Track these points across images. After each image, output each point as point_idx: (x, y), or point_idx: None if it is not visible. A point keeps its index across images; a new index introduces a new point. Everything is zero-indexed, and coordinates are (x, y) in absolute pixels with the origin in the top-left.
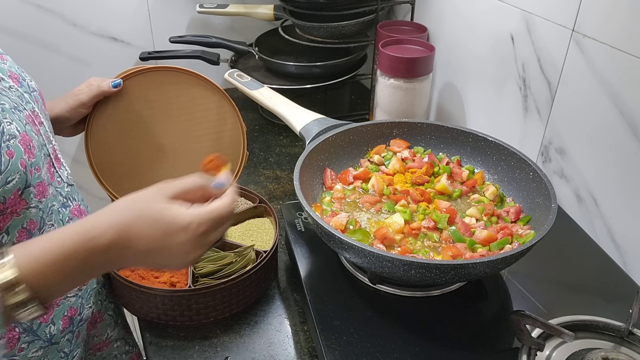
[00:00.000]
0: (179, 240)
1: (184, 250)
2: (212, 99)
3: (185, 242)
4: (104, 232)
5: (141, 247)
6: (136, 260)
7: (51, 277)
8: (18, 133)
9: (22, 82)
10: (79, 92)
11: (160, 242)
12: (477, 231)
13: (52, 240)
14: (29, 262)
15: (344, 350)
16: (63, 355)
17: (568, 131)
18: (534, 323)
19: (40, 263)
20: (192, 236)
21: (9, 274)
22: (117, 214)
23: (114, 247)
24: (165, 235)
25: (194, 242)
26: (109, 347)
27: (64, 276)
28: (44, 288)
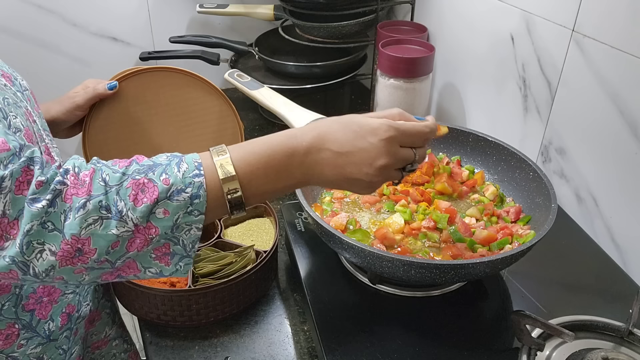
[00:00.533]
0: (369, 141)
1: (372, 155)
2: (209, 99)
3: (374, 145)
4: (305, 134)
5: (335, 147)
6: (330, 164)
7: (258, 170)
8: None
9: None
10: (74, 94)
11: (351, 144)
12: (477, 231)
13: (263, 139)
14: (243, 156)
15: (344, 350)
16: (62, 352)
17: (568, 131)
18: (534, 323)
19: (251, 155)
20: (380, 139)
21: (230, 167)
22: (317, 123)
23: (312, 148)
24: (355, 137)
25: (382, 147)
26: (107, 345)
27: (268, 172)
28: (251, 181)
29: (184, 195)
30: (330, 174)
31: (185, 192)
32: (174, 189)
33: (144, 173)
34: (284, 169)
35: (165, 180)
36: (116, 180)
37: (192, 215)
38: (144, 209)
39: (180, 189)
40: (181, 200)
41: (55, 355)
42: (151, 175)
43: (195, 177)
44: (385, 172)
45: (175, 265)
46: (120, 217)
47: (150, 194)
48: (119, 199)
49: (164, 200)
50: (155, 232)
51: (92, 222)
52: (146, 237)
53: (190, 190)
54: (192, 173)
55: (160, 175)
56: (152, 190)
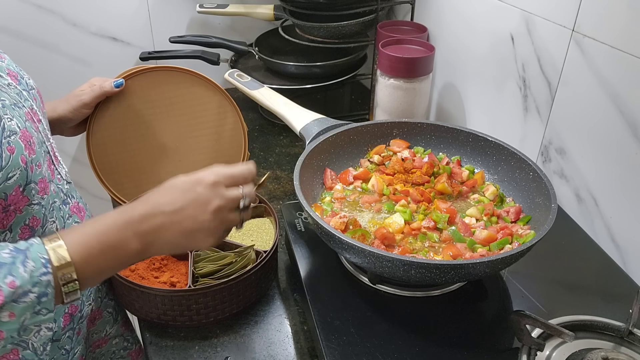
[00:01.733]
0: (196, 191)
1: (203, 201)
2: (213, 99)
3: (202, 192)
4: (135, 206)
5: (168, 208)
6: (168, 225)
7: (94, 250)
8: (18, 129)
9: (21, 80)
10: (81, 92)
11: (181, 199)
12: (477, 231)
13: (94, 221)
14: (77, 240)
15: (344, 350)
16: (64, 352)
17: (568, 131)
18: (534, 323)
19: (85, 237)
20: (206, 185)
21: (64, 253)
22: (144, 197)
23: (146, 216)
24: (183, 192)
25: (210, 191)
26: (107, 343)
27: (104, 250)
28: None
29: (31, 296)
30: (170, 236)
31: (32, 292)
32: (20, 291)
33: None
34: (121, 244)
35: (11, 284)
36: None
37: (40, 314)
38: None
39: (27, 290)
40: (28, 301)
41: (58, 355)
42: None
43: (42, 276)
44: (221, 215)
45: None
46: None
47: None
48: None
49: (10, 304)
50: (0, 337)
51: None
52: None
53: (37, 289)
54: (39, 271)
55: (5, 277)
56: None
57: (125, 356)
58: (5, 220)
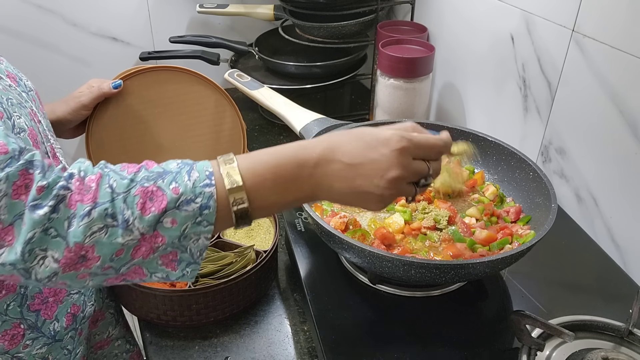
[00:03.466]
0: (380, 152)
1: (384, 166)
2: (212, 98)
3: (386, 155)
4: (315, 146)
5: (346, 159)
6: (340, 176)
7: (267, 180)
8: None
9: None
10: (79, 94)
11: (362, 155)
12: (477, 231)
13: (272, 149)
14: (251, 165)
15: (344, 350)
16: (67, 352)
17: (568, 131)
18: (534, 323)
19: (260, 165)
20: (392, 150)
21: (237, 177)
22: (329, 135)
23: (322, 160)
24: (367, 147)
25: (394, 158)
26: (109, 345)
27: (277, 182)
28: (259, 191)
29: (193, 205)
30: (339, 187)
31: (195, 202)
32: (183, 198)
33: (153, 180)
34: (293, 181)
35: (174, 190)
36: (124, 187)
37: (200, 225)
38: (151, 218)
39: (190, 199)
40: (190, 210)
41: (60, 355)
42: (160, 183)
43: (205, 187)
44: (398, 186)
45: (182, 270)
46: (127, 226)
47: (159, 203)
48: (126, 207)
49: (172, 210)
50: (162, 241)
51: (97, 230)
52: (152, 246)
53: (200, 200)
54: (202, 182)
55: (169, 184)
56: (161, 199)
57: (127, 358)
58: None
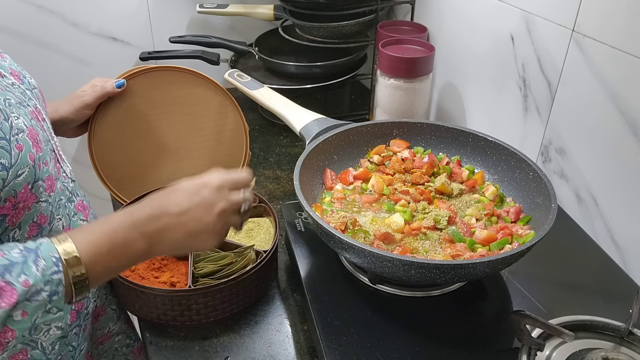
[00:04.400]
0: (202, 194)
1: (209, 203)
2: (214, 99)
3: (208, 195)
4: (142, 208)
5: (174, 210)
6: (173, 226)
7: (102, 249)
8: (25, 127)
9: (23, 79)
10: (82, 93)
11: (188, 201)
12: (477, 231)
13: (103, 221)
14: (86, 238)
15: (344, 350)
16: (71, 348)
17: (568, 131)
18: (534, 323)
19: (94, 236)
20: (212, 189)
21: (75, 253)
22: (150, 197)
23: (152, 217)
24: (190, 194)
25: (216, 194)
26: (110, 340)
27: (112, 250)
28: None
29: (43, 294)
30: (175, 237)
31: (44, 291)
32: (33, 290)
33: (0, 275)
34: (128, 243)
35: (25, 282)
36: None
37: (50, 313)
38: (1, 314)
39: (40, 289)
40: (40, 300)
41: (65, 351)
42: (8, 277)
43: (54, 275)
44: (225, 217)
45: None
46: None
47: (9, 297)
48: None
49: (23, 302)
50: (12, 336)
51: None
52: (1, 342)
53: (49, 288)
54: (50, 270)
55: (18, 277)
56: (11, 294)
57: (128, 353)
58: (14, 217)
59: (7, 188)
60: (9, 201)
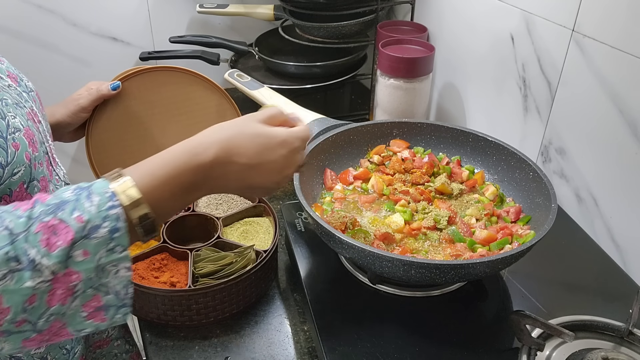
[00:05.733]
0: (278, 153)
1: (282, 164)
2: (211, 98)
3: (282, 156)
4: (208, 148)
5: (243, 160)
6: (237, 176)
7: (165, 192)
8: (22, 127)
9: (20, 82)
10: (78, 96)
11: (259, 157)
12: (477, 231)
13: (163, 159)
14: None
15: (344, 350)
16: (65, 352)
17: (568, 131)
18: (534, 323)
19: (155, 180)
20: (288, 151)
21: (134, 192)
22: (219, 132)
23: (217, 163)
24: (265, 150)
25: (289, 157)
26: (109, 345)
27: (174, 192)
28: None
29: (101, 231)
30: (234, 185)
31: (102, 227)
32: (90, 225)
33: (52, 214)
34: (190, 186)
35: (78, 218)
36: (22, 225)
37: (115, 252)
38: (59, 253)
39: (97, 224)
40: (100, 237)
41: (59, 355)
42: (61, 214)
43: (110, 210)
44: (288, 179)
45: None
46: (34, 266)
47: (65, 235)
48: (29, 246)
49: (81, 240)
50: (78, 278)
51: (2, 278)
52: (68, 287)
53: (109, 224)
54: (106, 205)
55: (71, 213)
56: (66, 231)
57: (127, 359)
58: None
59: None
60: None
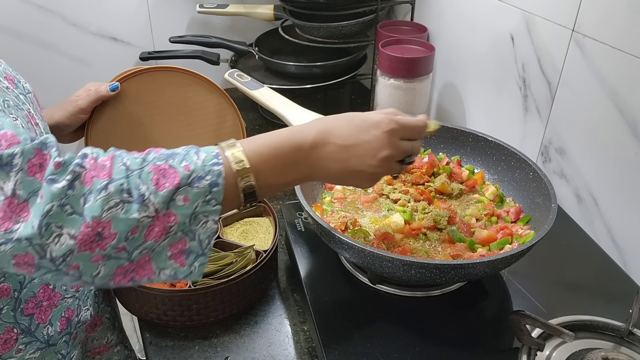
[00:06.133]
0: (372, 133)
1: (376, 146)
2: (210, 97)
3: (377, 137)
4: (309, 129)
5: (339, 141)
6: (335, 157)
7: (268, 165)
8: None
9: (17, 83)
10: (77, 98)
11: (355, 137)
12: (477, 231)
13: (269, 134)
14: (252, 146)
15: (344, 350)
16: (60, 357)
17: (568, 131)
18: (534, 323)
19: (259, 147)
20: (383, 132)
21: (240, 154)
22: (321, 119)
23: (317, 142)
24: (359, 130)
25: (385, 139)
26: (109, 351)
27: (276, 164)
28: (262, 175)
29: (204, 182)
30: (334, 168)
31: (205, 179)
32: (194, 175)
33: (164, 160)
34: (292, 163)
35: (186, 167)
36: (137, 164)
37: (209, 204)
38: (165, 193)
39: (201, 176)
40: (201, 187)
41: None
42: (171, 162)
43: (214, 166)
44: (387, 164)
45: (190, 266)
46: (142, 201)
47: (172, 179)
48: (141, 183)
49: (185, 187)
50: (174, 220)
51: (114, 205)
52: (165, 226)
53: (210, 177)
54: (211, 161)
55: (180, 162)
56: (174, 175)
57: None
58: None
59: None
60: None
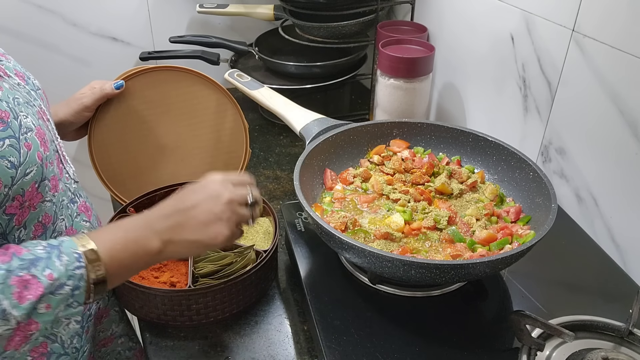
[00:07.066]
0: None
1: (216, 194)
2: (213, 97)
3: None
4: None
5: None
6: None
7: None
8: (34, 126)
9: (27, 80)
10: (81, 95)
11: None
12: (477, 231)
13: (117, 223)
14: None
15: (344, 350)
16: (74, 350)
17: (568, 131)
18: (534, 323)
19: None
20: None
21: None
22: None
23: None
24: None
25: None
26: (113, 342)
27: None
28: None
29: (66, 288)
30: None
31: (67, 285)
32: (57, 283)
33: (26, 269)
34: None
35: (49, 276)
36: (1, 278)
37: (71, 307)
38: (28, 305)
39: (63, 282)
40: (63, 293)
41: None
42: (34, 270)
43: (76, 269)
44: (233, 207)
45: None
46: (4, 315)
47: (35, 290)
48: (4, 297)
49: (48, 295)
50: (36, 328)
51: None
52: (26, 334)
53: (72, 282)
54: (73, 265)
55: (43, 271)
56: (36, 286)
57: (131, 356)
58: (20, 216)
59: (15, 186)
60: (16, 200)
